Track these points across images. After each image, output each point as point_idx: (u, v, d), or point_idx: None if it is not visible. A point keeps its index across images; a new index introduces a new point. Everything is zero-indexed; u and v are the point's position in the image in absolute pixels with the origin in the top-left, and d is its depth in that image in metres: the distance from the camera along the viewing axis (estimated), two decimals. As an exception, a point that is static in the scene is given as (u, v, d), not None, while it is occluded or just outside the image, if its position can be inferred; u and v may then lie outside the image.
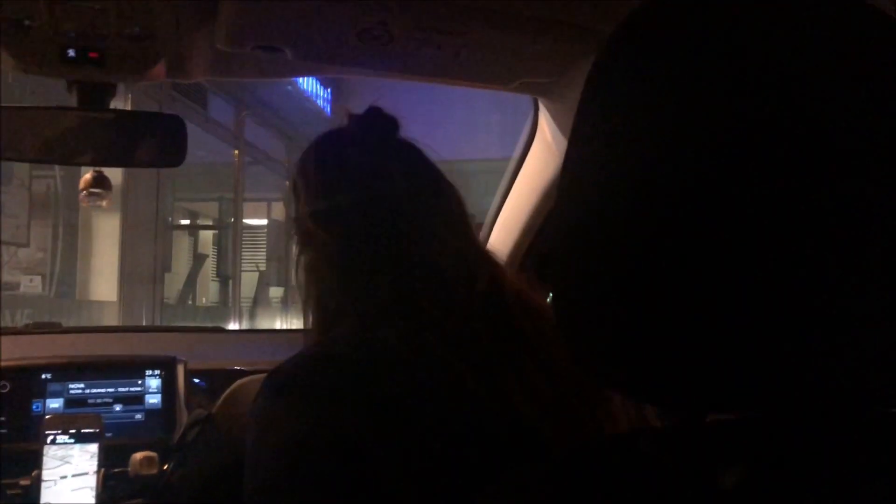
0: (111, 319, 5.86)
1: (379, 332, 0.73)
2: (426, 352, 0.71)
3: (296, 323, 9.23)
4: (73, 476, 1.28)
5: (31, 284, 5.52)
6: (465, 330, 0.74)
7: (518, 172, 1.47)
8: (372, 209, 0.79)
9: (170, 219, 7.95)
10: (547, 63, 1.10)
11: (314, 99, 9.56)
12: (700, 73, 0.40)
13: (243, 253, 8.51)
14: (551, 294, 0.50)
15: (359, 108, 0.91)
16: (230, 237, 8.41)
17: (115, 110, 1.15)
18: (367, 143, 0.84)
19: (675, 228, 0.40)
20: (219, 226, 9.36)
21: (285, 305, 9.62)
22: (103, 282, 6.12)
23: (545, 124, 1.33)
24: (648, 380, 0.44)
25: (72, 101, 1.12)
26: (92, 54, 1.02)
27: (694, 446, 0.46)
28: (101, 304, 6.06)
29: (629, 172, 0.42)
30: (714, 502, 0.44)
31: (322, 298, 0.82)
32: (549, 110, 1.29)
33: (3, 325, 4.62)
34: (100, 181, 1.25)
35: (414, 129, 0.88)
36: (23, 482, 1.31)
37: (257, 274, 9.52)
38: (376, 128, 0.86)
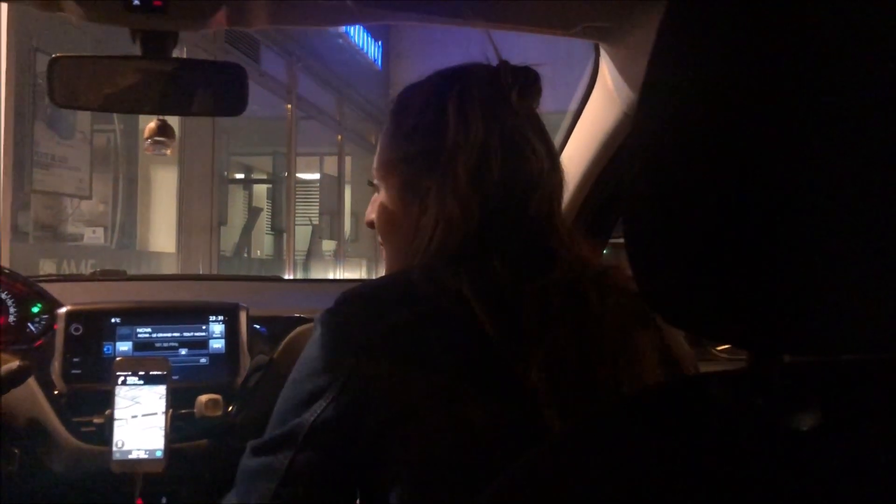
0: (170, 270, 6.02)
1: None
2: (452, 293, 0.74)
3: (348, 275, 9.38)
4: (143, 416, 1.33)
5: (94, 236, 5.68)
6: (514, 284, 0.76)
7: (576, 121, 1.44)
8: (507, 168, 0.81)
9: (225, 173, 8.08)
10: (611, 5, 1.07)
11: (365, 53, 9.53)
12: (783, 9, 0.39)
13: (296, 207, 8.61)
14: (623, 238, 0.49)
15: (410, 61, 0.92)
16: (284, 191, 8.52)
17: (176, 59, 1.16)
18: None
19: (756, 167, 0.39)
20: (272, 180, 9.49)
21: (337, 258, 9.76)
22: (162, 234, 6.29)
23: (606, 71, 1.30)
24: (724, 319, 0.43)
25: (135, 50, 1.13)
26: (156, 2, 1.02)
27: (769, 388, 0.46)
28: (160, 255, 6.23)
29: (709, 113, 0.41)
30: (788, 445, 0.44)
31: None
32: (611, 56, 1.26)
33: (70, 273, 4.79)
34: (164, 129, 1.27)
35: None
36: (96, 420, 1.37)
37: (310, 227, 9.65)
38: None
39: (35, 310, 1.50)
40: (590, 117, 1.40)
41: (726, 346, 1.60)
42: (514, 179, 0.80)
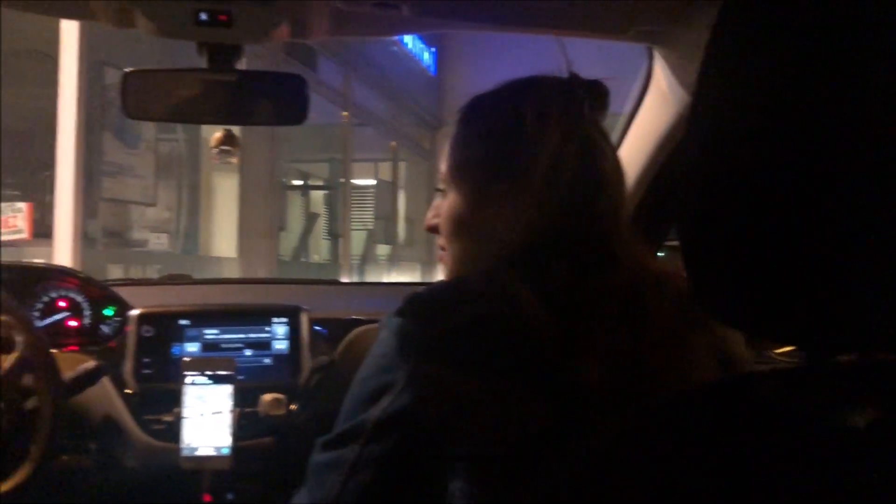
0: (232, 274, 6.15)
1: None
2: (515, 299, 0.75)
3: (402, 278, 9.44)
4: (211, 414, 1.38)
5: (159, 242, 5.84)
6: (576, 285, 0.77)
7: (629, 125, 1.44)
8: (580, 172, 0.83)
9: (284, 179, 8.22)
10: (663, 8, 1.07)
11: (419, 60, 9.59)
12: (837, 9, 0.39)
13: (352, 212, 8.70)
14: (677, 239, 0.50)
15: (463, 68, 0.95)
16: (340, 197, 8.62)
17: (239, 70, 1.19)
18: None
19: (810, 167, 0.40)
20: (329, 186, 9.62)
21: (392, 262, 9.83)
22: (224, 239, 6.44)
23: (660, 74, 1.30)
24: (777, 318, 0.44)
25: (201, 62, 1.18)
26: (221, 17, 1.07)
27: (823, 386, 0.46)
28: (221, 259, 6.38)
29: (762, 113, 0.42)
30: (843, 442, 0.44)
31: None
32: (664, 59, 1.26)
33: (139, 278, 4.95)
34: (229, 139, 1.32)
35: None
36: (166, 418, 1.42)
37: (366, 232, 9.75)
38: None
39: (108, 312, 1.57)
40: (644, 120, 1.39)
41: (785, 349, 1.57)
42: (586, 182, 0.83)
